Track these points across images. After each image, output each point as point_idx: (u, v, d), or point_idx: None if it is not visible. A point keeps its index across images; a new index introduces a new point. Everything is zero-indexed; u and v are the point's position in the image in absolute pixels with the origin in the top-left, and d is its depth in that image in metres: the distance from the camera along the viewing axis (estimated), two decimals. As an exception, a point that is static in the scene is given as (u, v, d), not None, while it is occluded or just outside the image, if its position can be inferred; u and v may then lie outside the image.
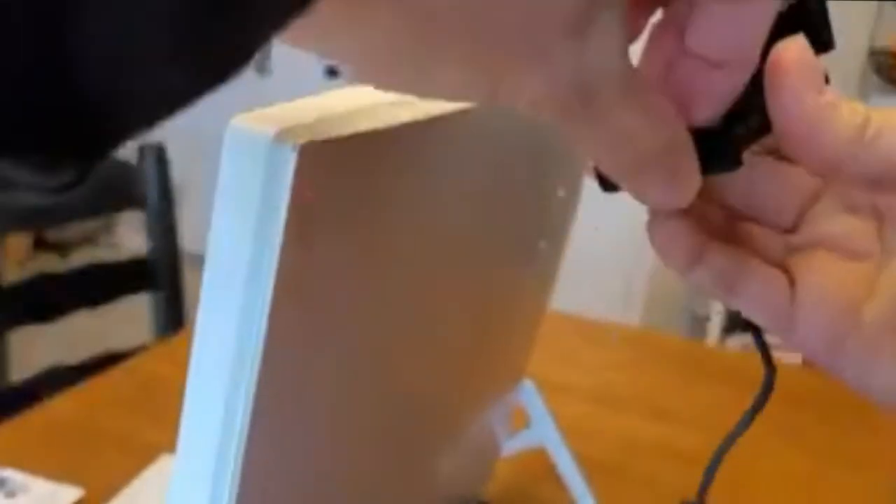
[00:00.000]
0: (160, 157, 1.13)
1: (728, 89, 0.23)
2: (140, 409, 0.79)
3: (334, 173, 0.24)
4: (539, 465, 0.60)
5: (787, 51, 0.23)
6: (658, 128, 0.22)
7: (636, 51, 0.23)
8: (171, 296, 1.17)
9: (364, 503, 0.39)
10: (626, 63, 0.20)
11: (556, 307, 0.63)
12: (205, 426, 0.25)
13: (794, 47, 0.23)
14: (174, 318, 1.17)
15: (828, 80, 0.24)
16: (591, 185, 0.28)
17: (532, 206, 0.43)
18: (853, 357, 0.26)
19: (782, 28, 0.23)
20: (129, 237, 3.33)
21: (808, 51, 0.23)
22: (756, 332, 0.30)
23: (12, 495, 0.65)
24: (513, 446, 0.60)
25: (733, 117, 0.24)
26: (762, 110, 0.24)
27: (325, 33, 0.19)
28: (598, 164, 0.23)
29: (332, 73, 3.04)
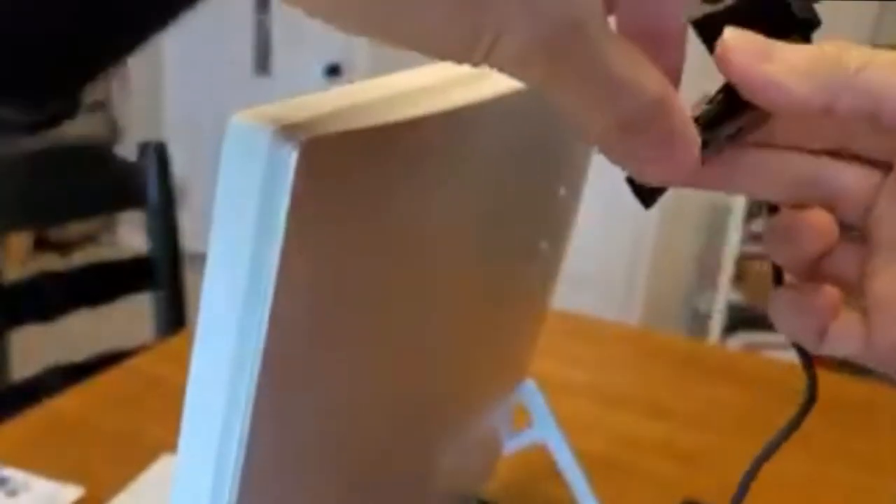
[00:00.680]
0: (161, 156, 1.13)
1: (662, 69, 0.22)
2: (141, 409, 0.79)
3: (335, 170, 0.24)
4: (540, 464, 0.60)
5: (727, 36, 0.24)
6: (647, 79, 0.21)
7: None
8: (172, 295, 1.17)
9: (365, 502, 0.39)
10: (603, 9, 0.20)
11: (556, 307, 0.63)
12: (206, 425, 0.25)
13: (732, 32, 0.24)
14: (175, 317, 1.18)
15: (816, 26, 0.24)
16: (591, 185, 0.28)
17: (533, 205, 0.43)
18: None
19: (753, 17, 0.24)
20: (130, 236, 3.33)
21: (746, 32, 0.24)
22: (801, 348, 0.29)
23: (13, 494, 0.65)
24: (514, 445, 0.60)
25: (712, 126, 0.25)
26: (737, 112, 0.25)
27: None
28: (589, 131, 0.22)
29: (332, 72, 3.04)
